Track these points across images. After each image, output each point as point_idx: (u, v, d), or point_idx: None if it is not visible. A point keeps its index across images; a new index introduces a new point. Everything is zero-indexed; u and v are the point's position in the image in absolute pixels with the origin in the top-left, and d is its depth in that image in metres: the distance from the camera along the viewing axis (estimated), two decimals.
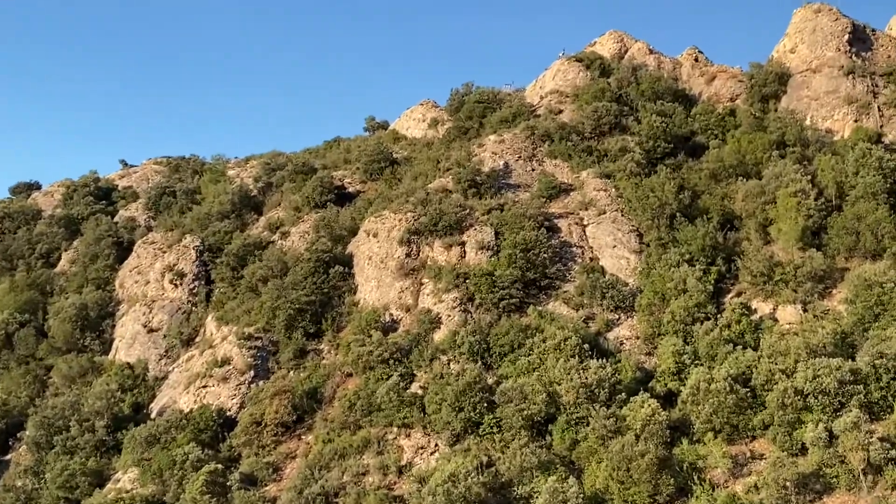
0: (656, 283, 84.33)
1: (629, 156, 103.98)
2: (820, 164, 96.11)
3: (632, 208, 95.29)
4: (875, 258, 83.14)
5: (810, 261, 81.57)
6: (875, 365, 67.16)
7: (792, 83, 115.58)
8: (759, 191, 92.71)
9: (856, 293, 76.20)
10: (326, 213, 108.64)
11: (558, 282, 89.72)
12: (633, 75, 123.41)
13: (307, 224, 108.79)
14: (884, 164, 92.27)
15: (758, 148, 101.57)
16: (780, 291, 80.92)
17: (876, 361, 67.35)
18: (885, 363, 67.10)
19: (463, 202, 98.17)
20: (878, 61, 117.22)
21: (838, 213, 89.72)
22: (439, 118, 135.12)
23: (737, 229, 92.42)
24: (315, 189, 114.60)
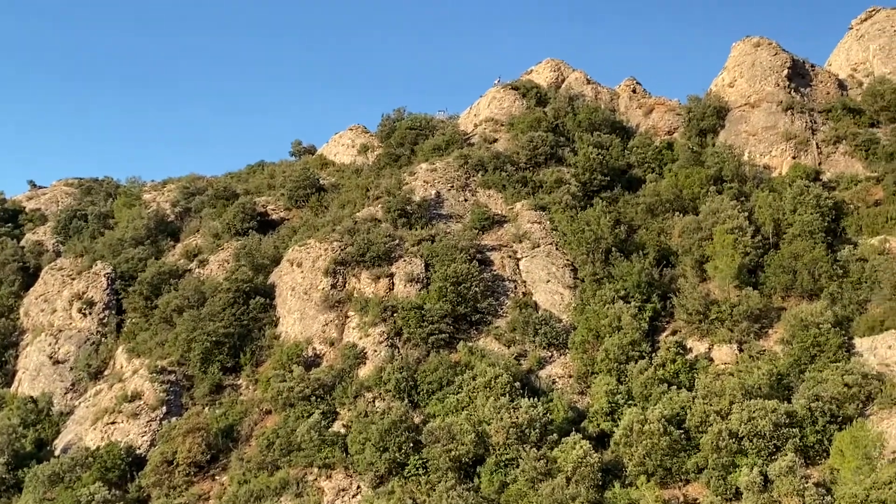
0: (590, 319, 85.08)
1: (565, 188, 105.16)
2: (757, 201, 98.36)
3: (567, 242, 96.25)
4: (812, 298, 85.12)
5: (747, 299, 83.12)
6: (811, 408, 68.58)
7: (730, 117, 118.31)
8: (695, 226, 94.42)
9: (792, 333, 77.85)
10: (248, 240, 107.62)
11: (490, 317, 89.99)
12: (570, 105, 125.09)
13: (227, 252, 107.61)
14: (821, 202, 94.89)
15: (695, 183, 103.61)
16: (715, 330, 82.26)
17: (812, 404, 68.80)
18: (821, 406, 68.58)
19: (392, 232, 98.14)
20: (818, 97, 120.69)
21: (775, 251, 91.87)
22: (369, 144, 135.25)
23: (673, 266, 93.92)
24: (236, 215, 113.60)
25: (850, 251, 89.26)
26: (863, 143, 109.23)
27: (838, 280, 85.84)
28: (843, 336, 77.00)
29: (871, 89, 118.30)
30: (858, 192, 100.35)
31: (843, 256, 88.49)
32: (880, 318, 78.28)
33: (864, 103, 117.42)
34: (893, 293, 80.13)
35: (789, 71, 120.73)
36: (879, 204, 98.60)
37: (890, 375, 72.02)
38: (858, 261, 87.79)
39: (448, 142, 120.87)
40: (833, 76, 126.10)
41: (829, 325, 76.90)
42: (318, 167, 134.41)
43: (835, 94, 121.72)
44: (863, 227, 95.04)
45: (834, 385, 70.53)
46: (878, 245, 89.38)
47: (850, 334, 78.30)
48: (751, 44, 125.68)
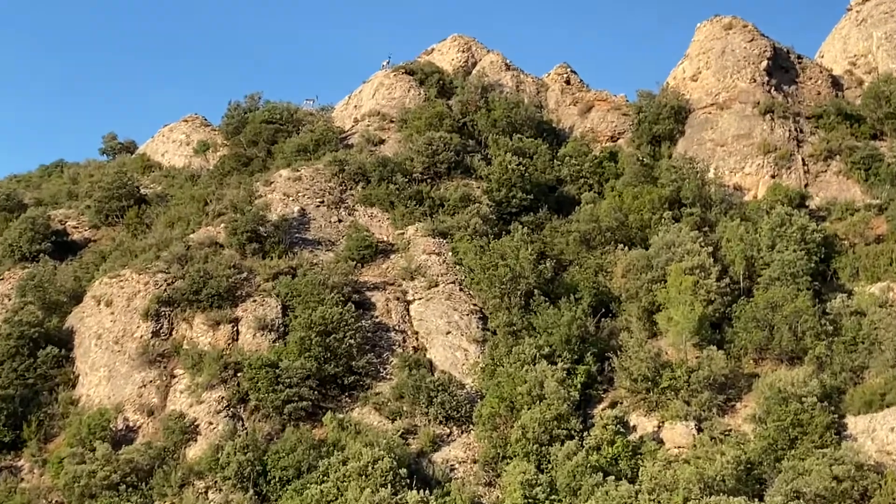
0: (503, 385, 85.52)
1: (474, 208, 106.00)
2: (725, 233, 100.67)
3: (474, 281, 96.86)
4: (793, 362, 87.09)
5: (709, 362, 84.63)
6: None
7: (692, 121, 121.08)
8: (644, 264, 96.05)
9: (767, 408, 79.35)
10: (38, 268, 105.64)
11: (369, 379, 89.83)
12: (483, 97, 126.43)
13: (8, 284, 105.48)
14: (808, 235, 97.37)
15: (645, 206, 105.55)
16: (667, 403, 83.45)
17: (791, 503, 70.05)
18: None
19: (239, 262, 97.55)
20: (805, 98, 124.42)
21: (747, 298, 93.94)
22: (210, 141, 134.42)
23: (614, 315, 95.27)
24: (23, 234, 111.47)
25: (844, 302, 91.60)
26: (862, 161, 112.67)
27: (827, 339, 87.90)
28: (832, 413, 78.70)
29: (873, 90, 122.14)
30: (855, 225, 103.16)
31: (833, 308, 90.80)
32: (880, 391, 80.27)
33: (864, 108, 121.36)
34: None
35: (769, 62, 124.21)
36: (882, 240, 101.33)
37: (892, 466, 73.85)
38: (854, 314, 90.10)
39: (318, 142, 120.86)
40: (826, 71, 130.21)
41: (815, 399, 78.52)
42: (140, 170, 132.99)
43: (827, 94, 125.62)
44: (860, 271, 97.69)
45: (820, 478, 71.83)
46: (879, 294, 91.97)
47: (842, 411, 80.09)
48: (720, 25, 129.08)
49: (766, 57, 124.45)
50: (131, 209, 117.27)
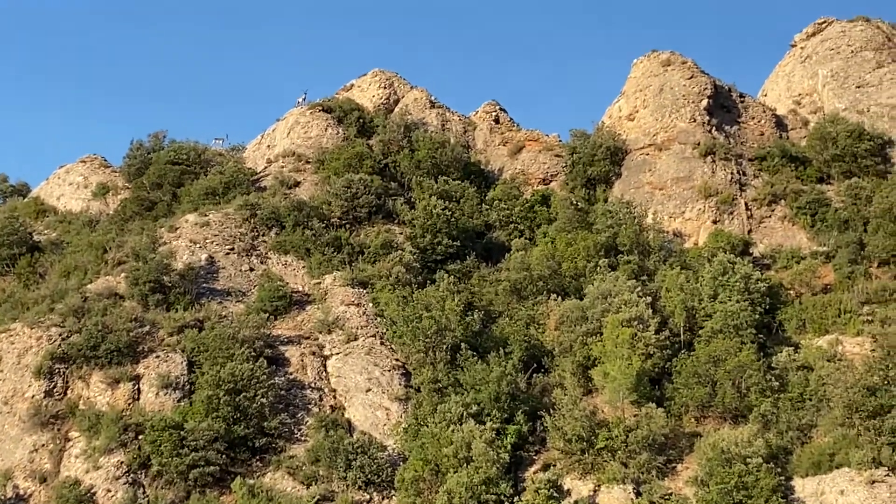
0: (428, 447, 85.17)
1: (396, 255, 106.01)
2: (665, 282, 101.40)
3: (397, 334, 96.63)
4: (737, 420, 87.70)
5: (648, 421, 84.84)
6: None
7: (629, 163, 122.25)
8: (579, 315, 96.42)
9: (709, 470, 79.60)
10: None
11: (282, 441, 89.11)
12: (407, 137, 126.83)
13: None
14: (751, 285, 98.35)
15: (579, 253, 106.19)
16: (604, 465, 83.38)
17: None
18: None
19: (141, 315, 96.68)
20: (748, 139, 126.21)
21: (688, 352, 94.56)
22: (110, 184, 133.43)
23: (547, 370, 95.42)
24: None
25: (790, 355, 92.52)
26: (808, 205, 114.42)
27: (773, 396, 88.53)
28: (778, 475, 79.10)
29: (819, 131, 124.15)
30: (801, 273, 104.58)
31: (779, 362, 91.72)
32: (829, 451, 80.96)
33: (809, 150, 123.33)
34: (848, 416, 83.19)
35: (710, 101, 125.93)
36: (829, 290, 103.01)
37: None
38: (800, 369, 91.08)
39: (228, 184, 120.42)
40: (769, 110, 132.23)
41: (761, 460, 78.82)
42: (33, 215, 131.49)
43: (771, 135, 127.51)
44: (806, 323, 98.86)
45: None
46: (827, 348, 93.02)
47: (789, 473, 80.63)
48: (658, 61, 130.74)
49: (707, 95, 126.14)
50: (23, 257, 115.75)
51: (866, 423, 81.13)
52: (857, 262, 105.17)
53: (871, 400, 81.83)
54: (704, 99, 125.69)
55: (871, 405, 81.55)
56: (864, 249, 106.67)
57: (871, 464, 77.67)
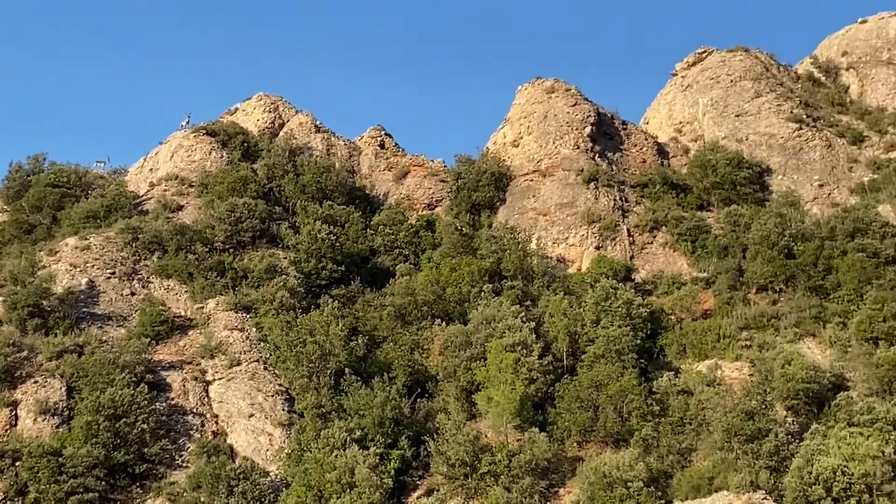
0: (311, 472, 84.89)
1: (280, 280, 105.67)
2: (548, 307, 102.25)
3: (280, 359, 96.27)
4: (619, 444, 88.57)
5: (531, 446, 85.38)
6: None
7: (514, 189, 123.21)
8: (463, 340, 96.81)
9: (591, 494, 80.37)
10: None
11: (163, 468, 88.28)
12: (291, 161, 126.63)
13: None
14: (633, 310, 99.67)
15: (464, 278, 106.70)
16: (487, 489, 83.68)
17: None
18: None
19: (19, 339, 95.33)
20: (630, 166, 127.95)
21: (571, 377, 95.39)
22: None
23: (431, 395, 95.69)
24: None
25: (670, 380, 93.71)
26: (688, 232, 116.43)
27: (654, 420, 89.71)
28: (659, 499, 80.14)
29: (699, 158, 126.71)
30: (682, 299, 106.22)
31: (660, 387, 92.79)
32: (708, 475, 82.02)
33: (690, 177, 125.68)
34: (727, 440, 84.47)
35: (593, 128, 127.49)
36: (709, 316, 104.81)
37: None
38: (681, 394, 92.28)
39: (109, 207, 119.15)
40: (651, 138, 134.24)
41: (641, 484, 79.73)
42: None
43: (653, 162, 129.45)
44: (687, 348, 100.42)
45: None
46: (706, 373, 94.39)
47: (669, 496, 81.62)
48: (542, 88, 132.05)
49: (590, 122, 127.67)
50: None
51: (744, 447, 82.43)
52: (735, 288, 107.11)
53: (749, 424, 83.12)
54: (588, 126, 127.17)
55: (749, 429, 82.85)
56: (742, 275, 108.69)
57: (749, 487, 78.95)
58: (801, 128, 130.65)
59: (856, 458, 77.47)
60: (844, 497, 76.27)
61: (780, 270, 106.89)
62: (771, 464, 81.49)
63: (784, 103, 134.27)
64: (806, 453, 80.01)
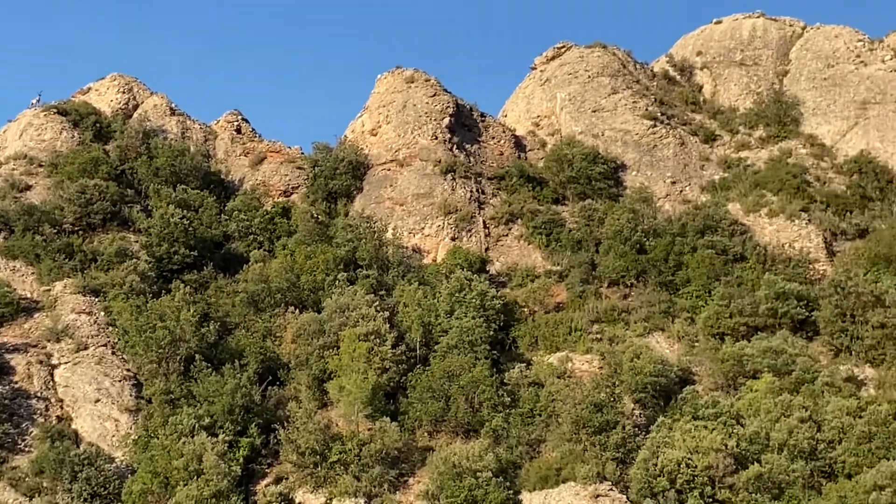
0: (157, 459, 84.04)
1: (130, 264, 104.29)
2: (403, 297, 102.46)
3: (129, 344, 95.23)
4: (470, 435, 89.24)
5: (381, 435, 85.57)
6: None
7: (371, 178, 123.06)
8: (316, 329, 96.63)
9: (440, 484, 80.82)
10: None
11: (4, 452, 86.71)
12: (145, 143, 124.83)
13: None
14: (487, 302, 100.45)
15: (319, 266, 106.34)
16: (336, 478, 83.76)
17: None
18: None
19: None
20: (488, 158, 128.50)
21: (424, 367, 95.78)
22: None
23: (282, 383, 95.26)
24: None
25: (522, 372, 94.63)
26: (543, 225, 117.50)
27: (505, 411, 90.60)
28: (507, 489, 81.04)
29: (556, 153, 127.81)
30: (535, 292, 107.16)
31: (512, 378, 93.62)
32: (556, 466, 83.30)
33: (546, 171, 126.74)
34: (575, 432, 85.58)
35: (452, 119, 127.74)
36: (562, 309, 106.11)
37: None
38: (532, 385, 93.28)
39: None
40: (509, 131, 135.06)
41: (490, 474, 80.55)
42: None
43: (510, 155, 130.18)
44: (539, 340, 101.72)
45: None
46: (557, 365, 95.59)
47: (518, 487, 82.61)
48: (402, 78, 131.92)
49: (449, 113, 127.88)
50: None
51: (592, 439, 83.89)
52: (588, 281, 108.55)
53: (597, 416, 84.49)
54: (446, 117, 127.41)
55: (598, 421, 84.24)
56: (595, 270, 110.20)
57: (595, 478, 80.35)
58: (656, 125, 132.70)
59: (700, 450, 79.55)
60: (688, 489, 78.26)
61: (632, 265, 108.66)
62: (618, 455, 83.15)
63: (640, 100, 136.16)
64: (652, 445, 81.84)
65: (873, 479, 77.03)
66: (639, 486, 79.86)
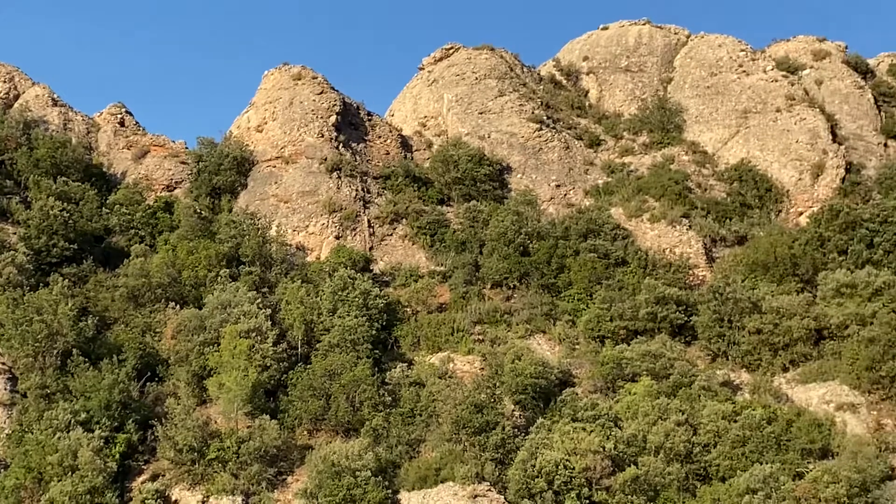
0: (31, 454, 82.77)
1: (8, 256, 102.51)
2: (286, 294, 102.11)
3: (5, 337, 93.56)
4: (350, 433, 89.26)
5: (261, 433, 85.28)
6: None
7: (256, 174, 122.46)
8: (197, 325, 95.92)
9: (319, 483, 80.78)
10: None
11: None
12: (26, 134, 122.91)
13: None
14: (370, 301, 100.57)
15: (201, 262, 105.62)
16: (213, 475, 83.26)
17: None
18: None
19: None
20: (374, 157, 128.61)
21: (305, 365, 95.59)
22: None
23: (161, 379, 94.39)
24: None
25: (403, 371, 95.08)
26: (428, 226, 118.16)
27: (385, 411, 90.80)
28: (386, 489, 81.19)
29: (442, 153, 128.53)
30: (419, 292, 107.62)
31: (393, 378, 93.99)
32: (435, 466, 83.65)
33: (432, 171, 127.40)
34: (455, 432, 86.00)
35: (338, 118, 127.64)
36: (444, 309, 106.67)
37: None
38: (413, 385, 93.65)
39: None
40: (396, 130, 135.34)
41: (369, 473, 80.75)
42: None
43: (396, 154, 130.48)
44: (421, 340, 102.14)
45: None
46: (439, 365, 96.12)
47: (396, 486, 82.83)
48: (289, 75, 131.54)
49: (336, 112, 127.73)
50: None
51: (472, 439, 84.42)
52: (471, 282, 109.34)
53: (477, 417, 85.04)
54: (333, 115, 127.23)
55: (478, 422, 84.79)
56: (479, 271, 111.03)
57: (474, 478, 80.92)
58: (542, 128, 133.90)
59: (578, 452, 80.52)
60: (565, 490, 79.11)
61: (515, 267, 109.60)
62: (497, 456, 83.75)
63: (526, 103, 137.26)
64: (530, 447, 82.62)
65: (746, 483, 78.85)
66: (517, 486, 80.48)
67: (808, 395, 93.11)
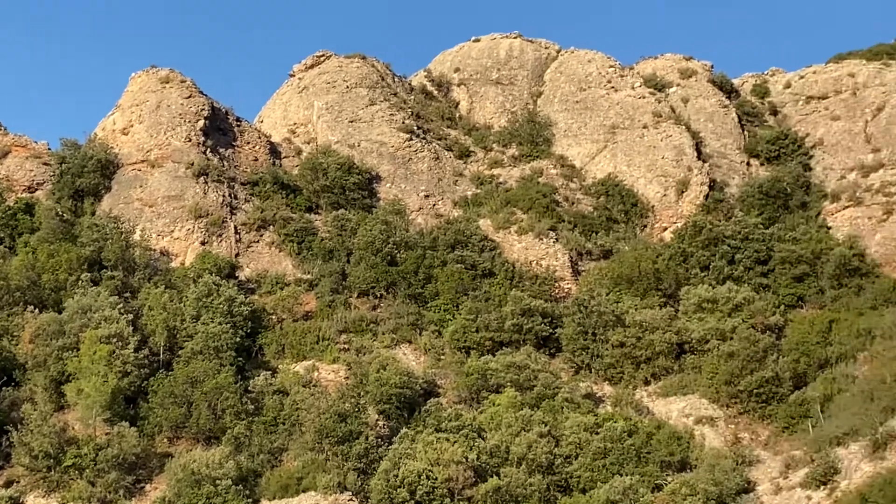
0: None
1: None
2: (149, 300, 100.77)
3: None
4: (211, 442, 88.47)
5: (119, 440, 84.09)
6: None
7: (120, 177, 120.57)
8: (56, 329, 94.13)
9: (178, 491, 79.94)
10: None
11: None
12: None
13: None
14: (235, 308, 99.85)
15: (62, 265, 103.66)
16: (70, 482, 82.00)
17: None
18: None
19: None
20: (242, 163, 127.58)
21: (167, 372, 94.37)
22: None
23: (18, 384, 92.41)
24: None
25: (267, 380, 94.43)
26: (295, 233, 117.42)
27: (248, 419, 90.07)
28: (247, 498, 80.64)
29: (311, 161, 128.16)
30: (284, 300, 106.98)
31: (256, 386, 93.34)
32: (298, 475, 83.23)
33: (301, 178, 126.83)
34: (318, 441, 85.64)
35: (206, 122, 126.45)
36: (310, 317, 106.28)
37: None
38: (276, 393, 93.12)
39: None
40: (265, 136, 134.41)
41: (230, 482, 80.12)
42: None
43: (265, 161, 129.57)
44: (286, 348, 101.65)
45: None
46: (303, 374, 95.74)
47: (258, 495, 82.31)
48: (157, 78, 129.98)
49: (204, 116, 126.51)
50: None
51: (335, 449, 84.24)
52: (338, 291, 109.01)
53: (341, 426, 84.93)
54: (201, 119, 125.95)
55: (341, 431, 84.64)
56: (346, 279, 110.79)
57: (336, 488, 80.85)
58: (412, 139, 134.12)
59: (441, 462, 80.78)
60: (427, 500, 79.42)
61: (382, 277, 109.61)
62: (360, 466, 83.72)
63: (397, 113, 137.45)
64: (393, 457, 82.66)
65: (606, 494, 79.78)
66: (379, 496, 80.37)
67: (669, 408, 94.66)
